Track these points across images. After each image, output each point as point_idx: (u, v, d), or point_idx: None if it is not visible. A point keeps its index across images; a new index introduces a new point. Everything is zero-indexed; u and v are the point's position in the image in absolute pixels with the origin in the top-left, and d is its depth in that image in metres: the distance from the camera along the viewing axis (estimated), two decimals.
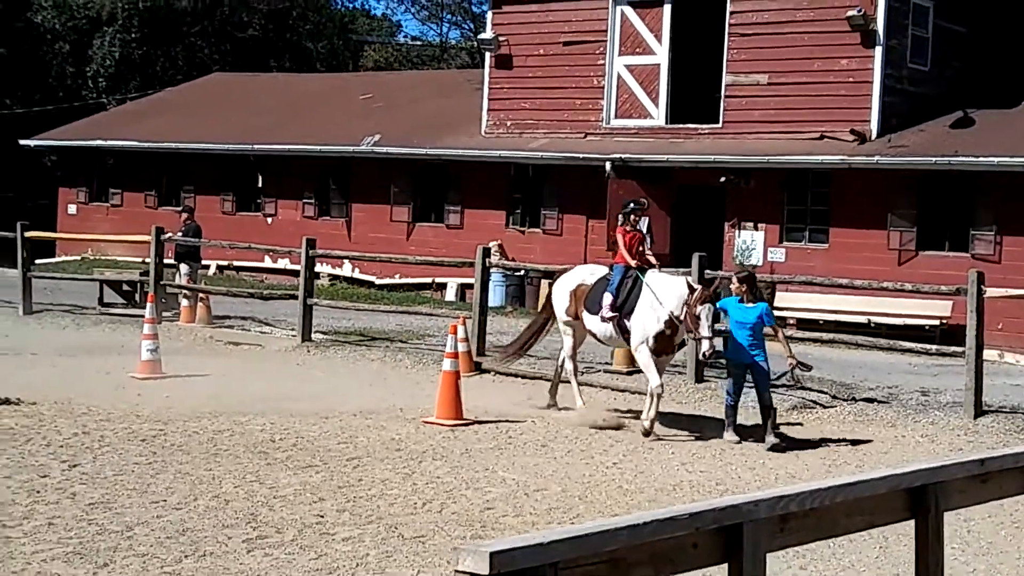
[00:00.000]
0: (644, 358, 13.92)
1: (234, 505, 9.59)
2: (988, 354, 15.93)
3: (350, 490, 10.36)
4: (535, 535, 2.76)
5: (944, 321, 22.87)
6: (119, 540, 8.35)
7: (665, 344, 13.91)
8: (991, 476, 4.11)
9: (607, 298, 14.06)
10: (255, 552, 8.27)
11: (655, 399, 13.74)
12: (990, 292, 15.69)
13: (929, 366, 18.08)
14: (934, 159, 24.28)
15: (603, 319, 14.14)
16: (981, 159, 23.82)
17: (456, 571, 2.64)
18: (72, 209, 38.97)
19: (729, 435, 13.56)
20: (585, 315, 14.49)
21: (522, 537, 2.72)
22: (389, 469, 11.32)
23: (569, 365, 14.98)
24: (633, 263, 14.21)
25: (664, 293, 13.69)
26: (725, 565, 3.28)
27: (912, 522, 3.86)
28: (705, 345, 13.18)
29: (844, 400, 15.92)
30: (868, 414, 15.40)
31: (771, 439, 13.27)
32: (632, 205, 15.13)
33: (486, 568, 2.61)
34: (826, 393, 15.99)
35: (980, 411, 15.12)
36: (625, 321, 13.96)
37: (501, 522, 9.56)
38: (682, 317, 13.43)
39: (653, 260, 14.75)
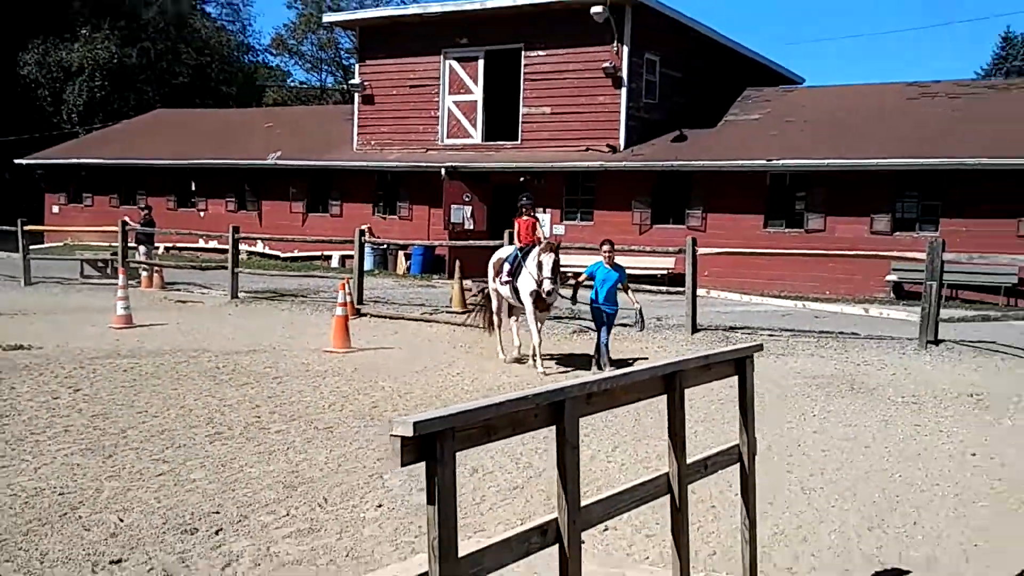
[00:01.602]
0: (528, 310, 13.20)
1: (196, 412, 9.49)
2: (700, 292, 16.55)
3: (277, 399, 10.31)
4: (441, 410, 2.93)
5: (670, 271, 23.68)
6: (117, 439, 8.23)
7: (539, 300, 13.01)
8: (712, 366, 4.45)
9: (506, 267, 13.52)
10: (216, 443, 8.24)
11: (536, 344, 13.19)
12: (700, 251, 16.36)
13: (662, 302, 18.69)
14: (661, 163, 25.04)
15: (501, 283, 13.60)
16: (693, 163, 24.65)
17: (391, 435, 2.80)
18: (55, 209, 37.49)
19: (596, 368, 12.69)
20: (497, 281, 13.78)
21: (431, 412, 2.91)
22: (303, 383, 11.29)
23: (495, 319, 14.20)
24: (520, 244, 13.53)
25: (535, 261, 12.92)
26: (554, 427, 3.50)
27: (663, 397, 4.17)
28: (546, 285, 12.56)
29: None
30: (623, 334, 15.79)
31: (607, 365, 12.52)
32: (524, 200, 14.15)
33: (411, 432, 2.78)
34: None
35: (695, 329, 15.76)
36: (516, 284, 13.31)
37: (384, 415, 9.59)
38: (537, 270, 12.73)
39: (541, 238, 13.73)
